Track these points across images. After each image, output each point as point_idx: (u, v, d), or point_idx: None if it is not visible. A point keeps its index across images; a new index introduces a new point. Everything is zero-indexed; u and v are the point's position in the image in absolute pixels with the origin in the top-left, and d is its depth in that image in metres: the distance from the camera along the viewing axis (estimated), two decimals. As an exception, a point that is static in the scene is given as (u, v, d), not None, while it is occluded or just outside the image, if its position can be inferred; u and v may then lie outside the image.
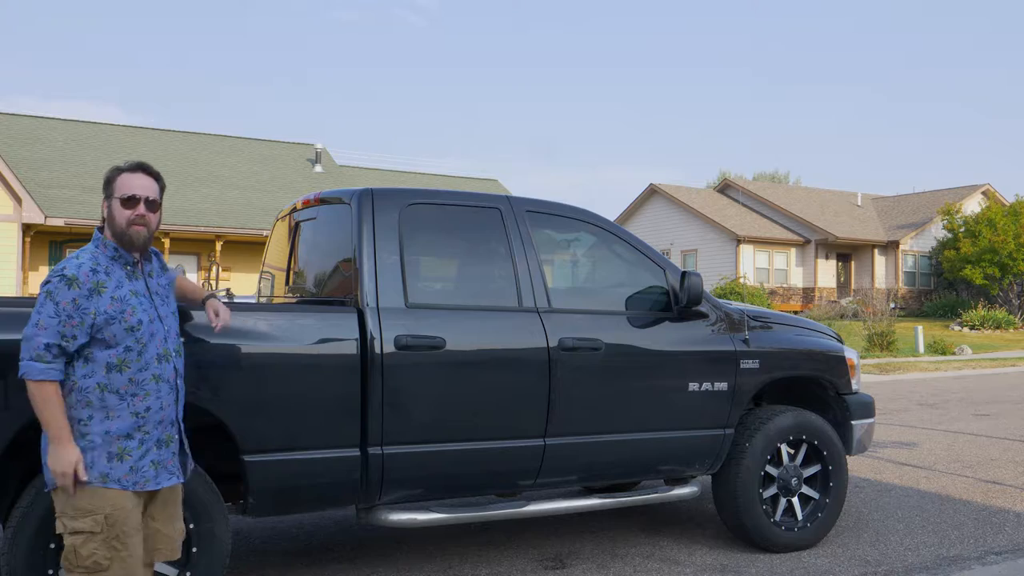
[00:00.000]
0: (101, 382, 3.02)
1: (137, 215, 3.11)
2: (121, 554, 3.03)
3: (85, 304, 2.98)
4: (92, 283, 3.01)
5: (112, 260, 3.11)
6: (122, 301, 3.06)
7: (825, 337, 5.67)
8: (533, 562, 4.92)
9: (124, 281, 3.11)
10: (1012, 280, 34.04)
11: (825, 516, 5.24)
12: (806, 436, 5.19)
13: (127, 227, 3.10)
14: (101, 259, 3.10)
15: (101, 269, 3.07)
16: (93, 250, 3.12)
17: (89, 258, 3.08)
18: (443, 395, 4.26)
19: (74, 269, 3.02)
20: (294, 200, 5.08)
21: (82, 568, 3.00)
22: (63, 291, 2.97)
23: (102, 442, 3.02)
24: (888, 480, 7.22)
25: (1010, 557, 5.07)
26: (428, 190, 4.73)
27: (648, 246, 5.09)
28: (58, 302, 2.96)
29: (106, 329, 3.01)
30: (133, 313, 3.07)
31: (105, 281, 3.05)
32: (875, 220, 41.24)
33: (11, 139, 25.91)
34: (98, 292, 3.02)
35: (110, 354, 3.03)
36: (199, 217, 25.39)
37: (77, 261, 3.06)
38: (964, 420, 11.01)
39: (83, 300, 2.98)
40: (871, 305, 31.18)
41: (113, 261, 3.12)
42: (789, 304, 36.16)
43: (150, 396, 3.10)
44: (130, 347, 3.06)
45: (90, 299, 2.99)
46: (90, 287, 3.00)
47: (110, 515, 3.02)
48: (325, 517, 5.84)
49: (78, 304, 2.97)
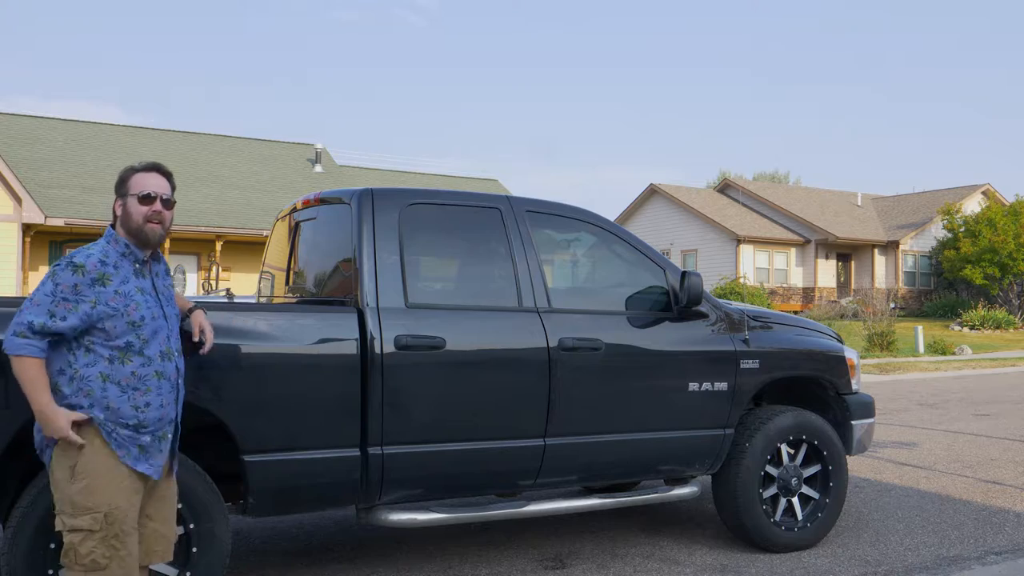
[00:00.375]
0: (104, 371, 3.05)
1: (154, 211, 3.18)
2: (120, 553, 3.04)
3: (85, 291, 3.02)
4: (98, 273, 3.06)
5: (122, 256, 3.16)
6: (126, 296, 3.09)
7: (825, 337, 5.67)
8: (533, 562, 4.92)
9: (131, 277, 3.14)
10: (1012, 280, 34.05)
11: (825, 516, 5.24)
12: (806, 436, 5.19)
13: (143, 224, 3.16)
14: (111, 253, 3.15)
15: (110, 262, 3.11)
16: (104, 244, 3.18)
17: (99, 250, 3.14)
18: (443, 395, 4.26)
19: (83, 258, 3.07)
20: (294, 200, 5.08)
21: (80, 567, 3.01)
22: (67, 275, 3.03)
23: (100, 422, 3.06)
24: (888, 480, 7.23)
25: (1010, 557, 5.07)
26: (428, 190, 4.73)
27: (648, 246, 5.09)
28: (58, 283, 3.01)
29: (107, 322, 3.04)
30: (136, 309, 3.10)
31: (112, 274, 3.09)
32: (875, 220, 41.24)
33: (11, 139, 25.91)
34: (102, 283, 3.05)
35: (111, 347, 3.06)
36: (199, 217, 25.39)
37: (88, 251, 3.12)
38: (964, 420, 11.01)
39: (84, 287, 3.02)
40: (871, 305, 31.19)
41: (123, 257, 3.16)
42: (789, 304, 36.16)
43: (151, 392, 3.12)
44: (131, 342, 3.08)
45: (92, 287, 3.03)
46: (94, 276, 3.04)
47: (109, 513, 3.03)
48: (325, 517, 5.84)
49: (78, 289, 3.01)
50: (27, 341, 2.99)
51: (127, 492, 3.09)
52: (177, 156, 28.61)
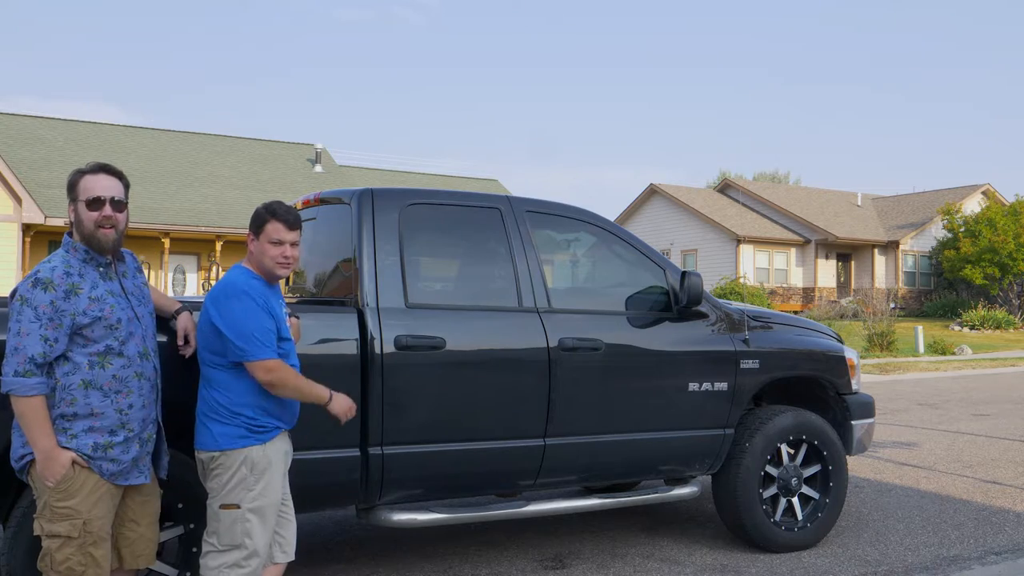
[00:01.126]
0: (85, 378, 3.01)
1: (104, 216, 3.08)
2: (97, 560, 3.03)
3: (63, 306, 2.94)
4: (67, 285, 2.98)
5: (84, 263, 3.08)
6: (100, 300, 3.04)
7: (825, 337, 5.67)
8: (533, 562, 4.92)
9: (99, 282, 3.08)
10: (1012, 280, 34.04)
11: (825, 516, 5.24)
12: (806, 436, 5.19)
13: (95, 230, 3.07)
14: (73, 262, 3.06)
15: (74, 272, 3.03)
16: (64, 254, 3.08)
17: (61, 261, 3.04)
18: (443, 395, 4.26)
19: (47, 272, 2.98)
20: (294, 200, 5.08)
21: (56, 573, 2.99)
22: (39, 295, 2.93)
23: (86, 436, 3.02)
24: (888, 480, 7.22)
25: (1010, 557, 5.07)
26: (428, 190, 4.73)
27: (648, 246, 5.09)
28: (36, 307, 2.92)
29: (85, 329, 2.99)
30: (112, 312, 3.06)
31: (80, 283, 3.01)
32: (875, 220, 41.24)
33: (11, 139, 25.92)
34: (75, 293, 2.98)
35: (89, 352, 3.01)
36: (199, 217, 25.39)
37: (49, 265, 3.02)
38: (964, 420, 11.01)
39: (60, 302, 2.94)
40: (871, 305, 31.19)
41: (85, 264, 3.08)
42: (789, 304, 36.16)
43: (133, 393, 3.10)
44: (111, 345, 3.05)
45: (67, 301, 2.96)
46: (65, 289, 2.97)
47: (89, 521, 3.00)
48: (325, 517, 5.84)
49: (56, 306, 2.93)
50: (37, 380, 2.91)
51: (107, 500, 3.08)
52: (177, 156, 28.62)
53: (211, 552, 3.35)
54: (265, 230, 3.41)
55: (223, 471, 3.32)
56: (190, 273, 26.62)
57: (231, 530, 3.33)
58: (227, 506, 3.32)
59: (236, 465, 3.32)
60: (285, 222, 3.42)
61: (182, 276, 26.58)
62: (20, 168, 24.09)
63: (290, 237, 3.42)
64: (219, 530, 3.34)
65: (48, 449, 2.95)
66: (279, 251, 3.40)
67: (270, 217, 3.42)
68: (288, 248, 3.42)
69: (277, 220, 3.41)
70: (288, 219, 3.43)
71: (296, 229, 3.46)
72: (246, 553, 3.34)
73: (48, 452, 2.95)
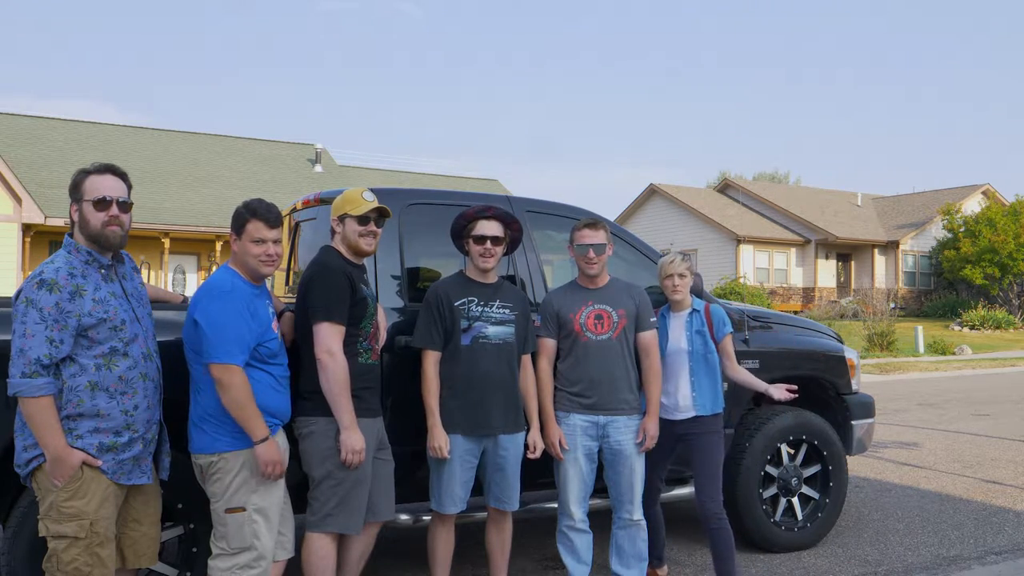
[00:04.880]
0: (92, 380, 3.01)
1: (111, 216, 3.09)
2: (103, 560, 3.03)
3: (68, 307, 2.94)
4: (72, 286, 2.97)
5: (86, 264, 3.08)
6: (103, 302, 3.03)
7: (825, 337, 5.67)
8: (533, 562, 4.92)
9: (101, 284, 3.08)
10: (1012, 280, 34.03)
11: (825, 516, 5.24)
12: (806, 436, 5.18)
13: (102, 228, 3.08)
14: (75, 263, 3.06)
15: (78, 273, 3.03)
16: (66, 255, 3.08)
17: (64, 263, 3.04)
18: (443, 395, 4.24)
19: (52, 274, 2.97)
20: (294, 200, 5.08)
21: (63, 574, 2.99)
22: (44, 296, 2.92)
23: (91, 436, 3.02)
24: (888, 480, 7.23)
25: (1010, 557, 5.07)
26: (428, 190, 4.73)
27: (648, 246, 5.09)
28: (41, 308, 2.91)
29: (90, 331, 2.98)
30: (116, 313, 3.06)
31: (83, 284, 3.01)
32: (875, 220, 41.23)
33: (11, 139, 25.92)
34: (79, 295, 2.98)
35: (95, 354, 3.00)
36: (199, 217, 25.39)
37: (53, 266, 3.01)
38: (964, 420, 11.01)
39: (65, 303, 2.94)
40: (871, 305, 31.19)
41: (87, 265, 3.08)
42: (789, 304, 36.14)
43: (138, 394, 3.11)
44: (116, 347, 3.05)
45: (72, 302, 2.95)
46: (71, 290, 2.96)
47: (96, 522, 3.00)
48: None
49: (61, 307, 2.93)
50: (44, 381, 2.91)
51: (112, 500, 3.08)
52: (177, 156, 28.61)
53: (221, 555, 3.35)
54: (246, 230, 3.41)
55: (223, 475, 3.32)
56: (190, 273, 26.62)
57: (240, 533, 3.32)
58: (233, 510, 3.32)
59: (237, 468, 3.31)
60: (265, 220, 3.41)
61: (182, 276, 26.57)
62: (20, 168, 24.09)
63: (271, 235, 3.41)
64: (227, 534, 3.33)
65: (58, 449, 2.95)
66: (261, 250, 3.40)
67: (250, 216, 3.42)
68: (271, 246, 3.41)
69: (257, 219, 3.41)
70: (268, 217, 3.42)
71: (277, 227, 3.44)
72: (256, 554, 3.34)
73: (58, 452, 2.95)
